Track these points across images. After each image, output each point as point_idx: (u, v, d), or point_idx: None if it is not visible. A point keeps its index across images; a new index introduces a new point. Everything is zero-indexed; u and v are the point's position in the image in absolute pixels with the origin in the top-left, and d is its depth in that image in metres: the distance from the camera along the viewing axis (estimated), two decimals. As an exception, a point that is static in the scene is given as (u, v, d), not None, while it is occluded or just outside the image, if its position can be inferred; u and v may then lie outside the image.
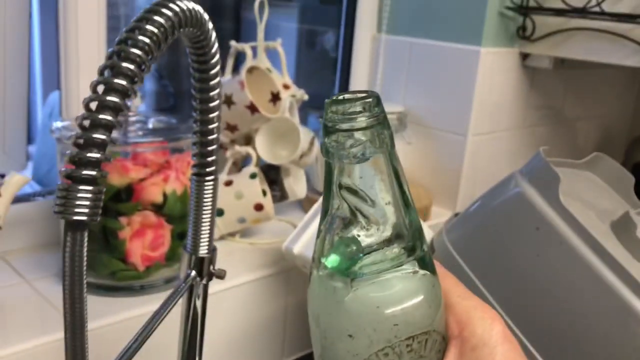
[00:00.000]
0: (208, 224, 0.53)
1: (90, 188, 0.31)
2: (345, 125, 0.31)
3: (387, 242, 0.33)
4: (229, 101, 0.81)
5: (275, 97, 0.85)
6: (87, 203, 0.31)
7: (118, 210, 0.68)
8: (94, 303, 0.67)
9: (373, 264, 0.32)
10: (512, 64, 1.05)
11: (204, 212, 0.52)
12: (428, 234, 0.74)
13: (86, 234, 0.32)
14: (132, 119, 0.71)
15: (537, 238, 0.60)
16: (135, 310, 0.67)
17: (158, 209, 0.70)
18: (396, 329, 0.32)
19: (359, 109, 0.31)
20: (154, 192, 0.69)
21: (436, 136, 1.06)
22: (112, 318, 0.65)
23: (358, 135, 0.31)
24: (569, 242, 0.58)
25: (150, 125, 0.72)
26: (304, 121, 1.03)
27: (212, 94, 0.47)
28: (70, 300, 0.32)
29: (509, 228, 0.63)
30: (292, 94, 0.87)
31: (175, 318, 0.57)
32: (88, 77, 0.80)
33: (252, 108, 0.80)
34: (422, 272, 0.33)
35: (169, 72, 1.92)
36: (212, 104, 0.48)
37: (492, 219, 0.65)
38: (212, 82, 0.47)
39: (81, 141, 0.31)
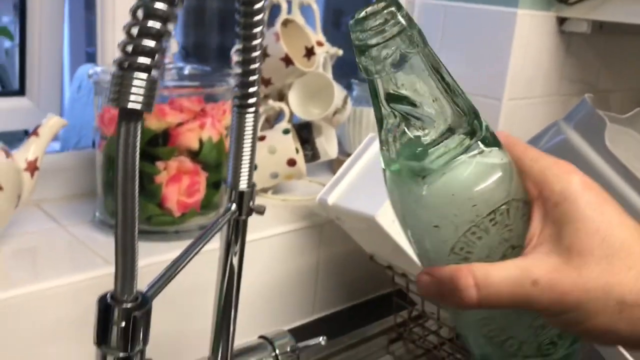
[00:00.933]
0: (248, 157, 0.52)
1: (145, 76, 0.30)
2: (374, 40, 0.32)
3: (447, 133, 0.34)
4: (263, 53, 0.81)
5: (310, 52, 0.85)
6: (142, 92, 0.30)
7: (155, 155, 0.68)
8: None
9: (439, 157, 0.33)
10: (549, 28, 1.03)
11: (245, 144, 0.52)
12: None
13: (140, 125, 0.31)
14: (169, 65, 0.71)
15: (582, 184, 0.58)
16: (169, 254, 0.67)
17: (194, 155, 0.69)
18: (476, 209, 0.33)
19: (382, 19, 0.32)
20: (190, 137, 0.68)
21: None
22: (145, 260, 0.65)
23: (390, 44, 0.32)
24: (616, 189, 0.57)
25: (186, 72, 0.72)
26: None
27: (256, 18, 0.47)
28: (123, 192, 0.32)
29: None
30: (326, 50, 0.86)
31: (213, 259, 0.57)
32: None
33: (287, 60, 0.80)
34: (487, 149, 0.34)
35: (195, 49, 1.92)
36: (255, 30, 0.47)
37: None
38: (257, 6, 0.46)
39: (135, 30, 0.31)
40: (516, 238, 0.34)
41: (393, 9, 0.32)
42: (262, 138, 0.83)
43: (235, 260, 0.56)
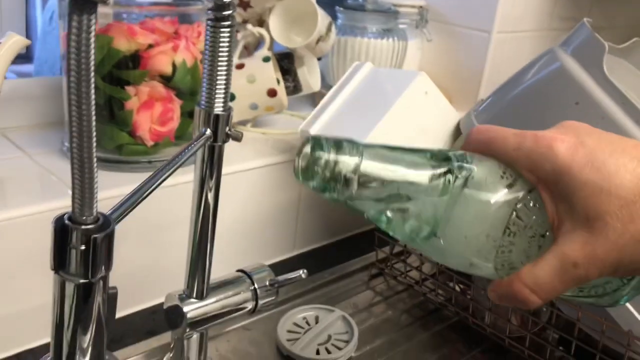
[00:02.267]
0: (224, 76, 0.48)
1: (99, -40, 0.26)
2: (319, 184, 0.35)
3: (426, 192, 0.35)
4: (242, -26, 0.75)
5: (292, -26, 0.79)
6: (96, -21, 0.26)
7: (124, 79, 0.63)
8: (99, 177, 0.64)
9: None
10: (544, -43, 0.98)
11: (220, 62, 0.48)
12: (455, 116, 0.70)
13: (95, 18, 0.27)
14: (139, -18, 0.66)
15: (577, 114, 0.56)
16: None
17: (167, 80, 0.65)
18: (491, 237, 0.34)
19: (313, 168, 0.35)
20: (162, 61, 0.64)
21: (458, 34, 1.00)
22: (115, 191, 0.62)
23: (332, 184, 0.35)
24: (612, 116, 0.54)
25: (158, -10, 0.67)
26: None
27: None
28: (77, 97, 0.28)
29: (546, 105, 0.58)
30: (310, -27, 0.81)
31: (188, 191, 0.54)
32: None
33: (268, -18, 0.74)
34: (467, 174, 0.35)
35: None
36: None
37: (527, 97, 0.61)
38: None
39: None
40: (540, 227, 0.34)
41: (317, 154, 0.34)
42: (241, 66, 0.78)
43: (210, 191, 0.53)
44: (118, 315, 0.65)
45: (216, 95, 0.49)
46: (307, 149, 0.35)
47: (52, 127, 0.75)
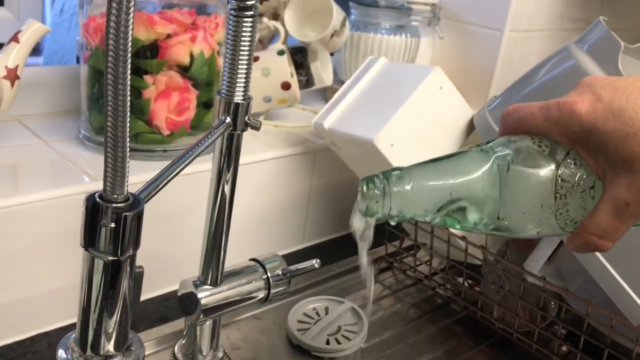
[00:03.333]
0: (245, 66, 0.49)
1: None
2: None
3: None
4: (259, -33, 0.76)
5: (308, -31, 0.80)
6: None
7: (143, 68, 0.64)
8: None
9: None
10: (556, -42, 0.99)
11: (242, 51, 0.48)
12: (468, 112, 0.71)
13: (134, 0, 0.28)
14: (159, -27, 0.66)
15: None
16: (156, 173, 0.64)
17: (184, 70, 0.66)
18: (546, 206, 0.38)
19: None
20: (180, 51, 0.65)
21: (470, 31, 1.00)
22: (132, 178, 0.62)
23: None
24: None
25: (177, -19, 0.67)
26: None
27: None
28: (114, 80, 0.28)
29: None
30: (325, -32, 0.82)
31: (205, 180, 0.54)
32: None
33: (285, -25, 0.75)
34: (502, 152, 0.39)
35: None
36: None
37: (541, 94, 0.61)
38: None
39: None
40: (587, 181, 0.37)
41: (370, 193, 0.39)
42: (256, 59, 0.79)
43: (228, 180, 0.54)
44: (131, 301, 0.67)
45: (237, 84, 0.50)
46: (362, 187, 0.39)
47: (68, 116, 0.75)
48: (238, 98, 0.50)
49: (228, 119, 0.50)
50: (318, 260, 0.60)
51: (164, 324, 0.64)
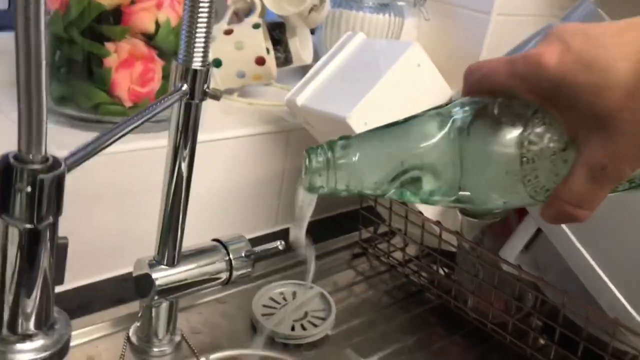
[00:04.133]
0: (204, 28, 0.46)
1: None
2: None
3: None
4: None
5: (287, -61, 0.76)
6: None
7: (104, 35, 0.60)
8: (74, 137, 0.61)
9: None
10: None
11: (200, 12, 0.45)
12: (447, 92, 0.68)
13: None
14: None
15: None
16: (118, 146, 0.61)
17: (149, 39, 0.62)
18: (511, 173, 0.34)
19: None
20: (145, 18, 0.61)
21: (457, 14, 0.97)
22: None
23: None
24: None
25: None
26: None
27: None
28: (25, 23, 0.25)
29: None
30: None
31: (164, 156, 0.51)
32: None
33: (261, -56, 0.71)
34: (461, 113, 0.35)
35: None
36: None
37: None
38: None
39: None
40: (558, 143, 0.33)
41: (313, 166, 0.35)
42: (229, 32, 0.75)
43: (185, 154, 0.51)
44: (87, 281, 0.63)
45: (195, 49, 0.47)
46: (305, 160, 0.35)
47: None
48: (196, 64, 0.47)
49: (185, 87, 0.47)
50: (283, 242, 0.57)
51: (121, 305, 0.61)
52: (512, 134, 0.33)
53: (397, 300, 0.70)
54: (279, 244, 0.56)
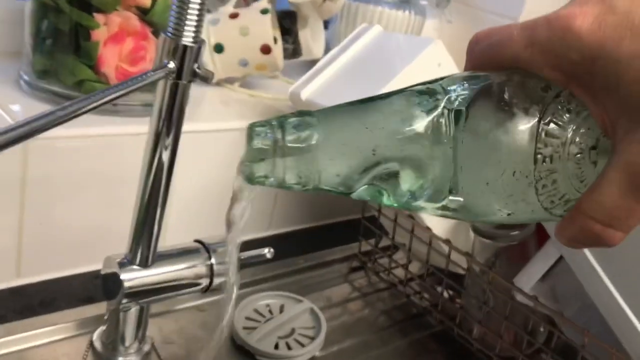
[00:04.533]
0: (198, 2, 0.40)
1: None
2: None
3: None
4: None
5: None
6: None
7: (94, 5, 0.55)
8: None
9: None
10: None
11: (194, -18, 0.39)
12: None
13: None
14: None
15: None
16: (100, 128, 0.55)
17: (144, 13, 0.56)
18: (520, 173, 0.26)
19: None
20: (140, -11, 0.55)
21: (482, 18, 0.91)
22: (73, 131, 0.53)
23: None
24: None
25: None
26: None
27: None
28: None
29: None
30: None
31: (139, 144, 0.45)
32: None
33: None
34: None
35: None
36: None
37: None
38: None
39: None
40: (586, 138, 0.25)
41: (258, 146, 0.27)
42: (235, 15, 0.69)
43: (168, 142, 0.44)
44: (53, 275, 0.57)
45: (186, 23, 0.41)
46: (246, 139, 0.27)
47: (10, 57, 0.66)
48: (187, 40, 0.41)
49: (172, 64, 0.41)
50: (271, 250, 0.50)
51: (89, 304, 0.55)
52: (525, 122, 0.25)
53: (395, 322, 0.64)
54: (267, 252, 0.50)
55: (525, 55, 0.25)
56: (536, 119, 0.25)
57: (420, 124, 0.26)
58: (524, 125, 0.25)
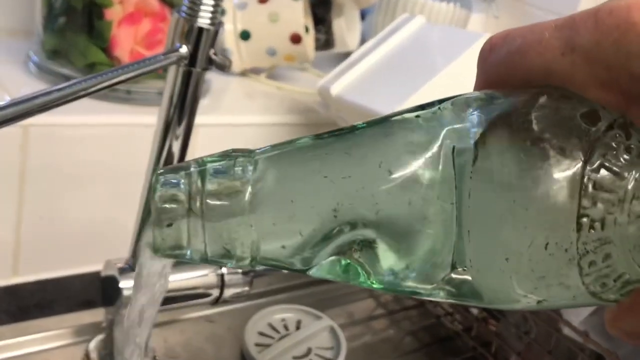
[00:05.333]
0: (218, -23, 0.35)
1: None
2: None
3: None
4: None
5: None
6: None
7: (109, -20, 0.50)
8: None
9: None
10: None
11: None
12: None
13: None
14: None
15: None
16: (109, 117, 0.50)
17: (163, -7, 0.51)
18: (559, 245, 0.18)
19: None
20: (160, -34, 0.50)
21: (532, 15, 0.84)
22: (83, 118, 0.49)
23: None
24: None
25: None
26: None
27: None
28: None
29: None
30: None
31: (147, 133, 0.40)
32: None
33: None
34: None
35: None
36: None
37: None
38: None
39: None
40: None
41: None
42: (264, 0, 0.64)
43: (178, 133, 0.39)
44: (51, 275, 0.53)
45: (203, 1, 0.36)
46: (152, 192, 0.19)
47: (19, 36, 0.62)
48: (203, 21, 0.36)
49: (184, 49, 0.36)
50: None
51: (88, 309, 0.50)
52: (563, 169, 0.17)
53: (423, 345, 0.58)
54: (285, 265, 0.45)
55: (561, 67, 0.17)
56: (579, 164, 0.17)
57: (407, 170, 0.18)
58: (561, 173, 0.17)
